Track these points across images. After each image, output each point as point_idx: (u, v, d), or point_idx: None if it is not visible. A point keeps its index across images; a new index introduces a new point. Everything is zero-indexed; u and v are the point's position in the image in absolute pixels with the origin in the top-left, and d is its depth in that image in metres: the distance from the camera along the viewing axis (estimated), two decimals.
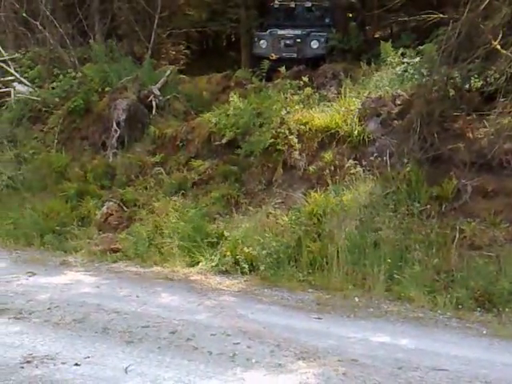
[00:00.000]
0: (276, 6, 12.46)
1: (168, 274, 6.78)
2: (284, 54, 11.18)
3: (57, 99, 10.36)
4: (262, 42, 11.47)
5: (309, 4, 12.19)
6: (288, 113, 8.02)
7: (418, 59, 8.38)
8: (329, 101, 8.44)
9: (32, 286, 6.48)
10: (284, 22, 12.12)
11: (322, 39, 11.17)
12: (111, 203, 8.40)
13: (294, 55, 11.20)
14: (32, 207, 8.59)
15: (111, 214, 8.28)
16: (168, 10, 12.98)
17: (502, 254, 5.99)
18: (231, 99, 8.65)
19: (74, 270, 7.10)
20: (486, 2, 6.77)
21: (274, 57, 10.91)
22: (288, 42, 11.32)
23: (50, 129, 10.14)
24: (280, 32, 11.61)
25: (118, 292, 6.27)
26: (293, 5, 12.20)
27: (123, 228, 8.03)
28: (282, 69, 9.51)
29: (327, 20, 12.08)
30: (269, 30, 11.78)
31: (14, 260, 7.52)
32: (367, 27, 12.97)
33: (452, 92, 7.21)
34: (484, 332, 5.24)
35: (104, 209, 8.35)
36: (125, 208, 8.32)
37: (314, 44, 11.14)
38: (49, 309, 5.74)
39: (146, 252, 7.32)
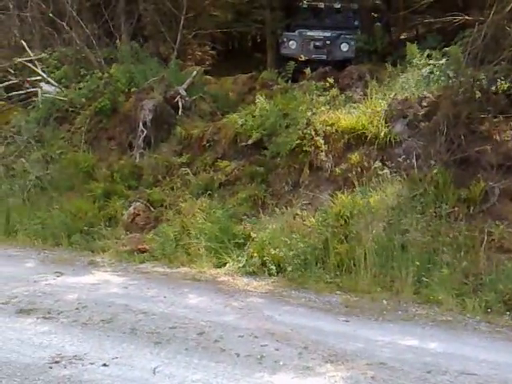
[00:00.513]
0: (304, 7, 12.46)
1: (195, 275, 6.82)
2: (314, 56, 11.18)
3: (83, 99, 10.47)
4: (291, 42, 11.48)
5: (338, 5, 12.17)
6: (314, 114, 8.03)
7: (443, 61, 8.34)
8: (354, 102, 8.44)
9: (60, 285, 6.54)
10: (312, 22, 12.11)
11: (352, 42, 11.17)
12: (138, 203, 8.46)
13: (324, 57, 11.21)
14: (60, 207, 8.67)
15: (138, 215, 8.33)
16: (193, 11, 13.04)
17: None
18: (257, 100, 8.69)
19: (101, 270, 7.15)
20: None
21: (304, 58, 10.94)
22: (318, 43, 11.32)
23: (76, 129, 10.26)
24: (310, 33, 11.60)
25: (145, 292, 6.31)
26: (322, 5, 12.18)
27: (150, 228, 8.09)
28: (308, 70, 9.52)
29: (355, 22, 12.06)
30: (298, 31, 11.77)
31: (42, 260, 7.59)
32: (392, 29, 12.91)
33: (478, 94, 7.15)
34: None
35: (131, 209, 8.41)
36: (152, 208, 8.38)
37: (344, 47, 11.14)
38: (77, 309, 5.80)
39: (173, 253, 7.37)
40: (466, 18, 7.44)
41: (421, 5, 8.01)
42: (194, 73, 10.70)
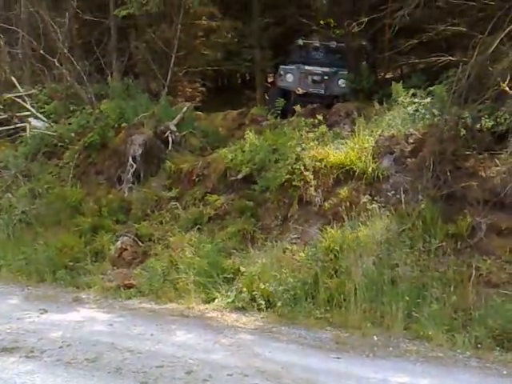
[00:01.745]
0: (300, 44, 12.78)
1: (183, 311, 6.73)
2: (311, 90, 11.46)
3: (73, 134, 10.53)
4: (288, 75, 11.74)
5: (333, 44, 12.50)
6: (303, 149, 8.12)
7: (428, 99, 8.49)
8: (343, 138, 8.56)
9: (44, 323, 6.42)
10: (308, 58, 12.40)
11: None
12: (126, 238, 8.42)
13: (322, 91, 11.50)
14: (45, 242, 8.60)
15: (126, 249, 8.28)
16: (184, 50, 13.32)
17: None
18: (247, 135, 8.79)
19: (86, 307, 7.03)
20: (494, 47, 6.95)
21: (301, 91, 11.16)
22: (315, 78, 11.61)
23: (65, 163, 10.27)
24: (307, 68, 11.88)
25: (131, 330, 6.19)
26: (317, 44, 12.50)
27: (138, 263, 8.03)
28: (297, 107, 9.68)
29: None
30: (295, 65, 12.03)
31: (26, 296, 7.47)
32: (378, 68, 13.22)
33: (463, 132, 7.28)
34: (504, 372, 5.20)
35: (118, 243, 8.36)
36: (140, 243, 8.34)
37: (342, 83, 11.42)
38: (61, 347, 5.68)
39: (160, 288, 7.29)
40: (450, 58, 7.64)
41: (405, 46, 8.21)
42: (185, 109, 10.83)
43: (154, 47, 13.38)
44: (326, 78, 11.61)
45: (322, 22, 14.25)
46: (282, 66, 12.30)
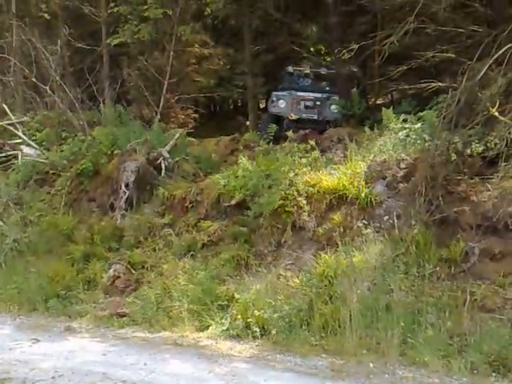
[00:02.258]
0: (290, 71, 12.94)
1: (177, 340, 6.65)
2: (304, 115, 11.60)
3: (65, 162, 10.52)
4: (280, 101, 11.89)
5: (323, 71, 12.68)
6: (296, 175, 8.14)
7: (419, 125, 8.57)
8: (335, 164, 8.59)
9: (36, 353, 6.33)
10: (299, 86, 12.55)
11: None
12: (118, 266, 8.35)
13: (315, 117, 11.68)
14: (37, 271, 8.52)
15: (118, 277, 8.21)
16: (177, 77, 13.47)
17: None
18: (240, 161, 8.81)
19: (78, 337, 6.96)
20: (483, 73, 7.06)
21: (294, 117, 11.29)
22: (308, 103, 11.77)
23: (57, 191, 10.22)
24: (300, 93, 12.02)
25: (124, 359, 6.11)
26: (307, 70, 12.67)
27: (130, 291, 7.95)
28: (290, 133, 9.75)
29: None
30: (287, 91, 12.17)
31: (18, 326, 7.38)
32: (369, 94, 13.39)
33: (454, 156, 7.34)
34: None
35: (111, 271, 8.29)
36: (132, 270, 8.27)
37: (334, 108, 11.56)
38: (53, 378, 5.60)
39: (154, 316, 7.21)
40: (440, 84, 7.75)
41: (395, 72, 8.32)
42: (177, 135, 10.87)
43: (147, 74, 13.53)
44: (318, 103, 11.78)
45: (312, 49, 14.46)
46: (274, 93, 12.44)
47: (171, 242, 8.50)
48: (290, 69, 12.95)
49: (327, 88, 12.54)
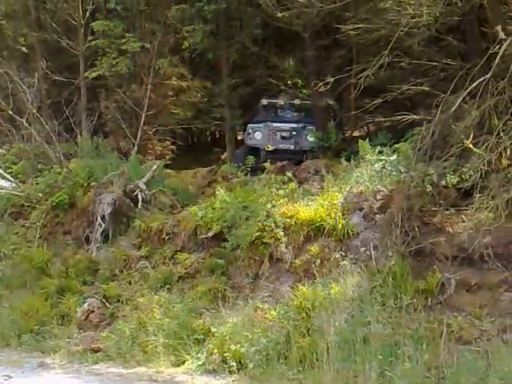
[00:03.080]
0: (265, 104, 13.07)
1: (152, 375, 6.54)
2: (281, 146, 11.69)
3: (40, 194, 10.42)
4: (256, 133, 12.00)
5: (298, 102, 12.84)
6: (273, 206, 8.15)
7: (394, 157, 8.69)
8: (312, 195, 8.61)
9: None
10: (274, 117, 12.68)
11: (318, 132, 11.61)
12: (93, 299, 8.23)
13: (292, 147, 11.78)
14: (10, 305, 8.41)
15: (92, 311, 8.09)
16: (154, 109, 13.53)
17: (490, 349, 5.95)
18: (217, 192, 8.80)
19: (52, 372, 6.83)
20: (456, 105, 7.21)
21: (271, 148, 11.37)
22: (284, 134, 11.88)
23: (32, 224, 10.10)
24: (276, 124, 12.14)
25: None
26: (281, 102, 12.82)
27: (105, 326, 7.84)
28: (267, 164, 9.81)
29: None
30: (263, 123, 12.28)
31: None
32: (345, 127, 13.58)
33: (429, 188, 7.43)
34: None
35: (85, 306, 8.16)
36: (107, 304, 8.16)
37: (311, 137, 11.66)
38: None
39: (129, 351, 7.10)
40: (414, 117, 7.88)
41: (371, 105, 8.45)
42: (154, 167, 10.86)
43: (124, 106, 13.57)
44: (294, 133, 11.92)
45: (289, 81, 14.66)
46: (250, 125, 12.55)
47: (147, 274, 8.42)
48: (264, 101, 13.11)
49: (303, 118, 12.67)
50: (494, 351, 5.89)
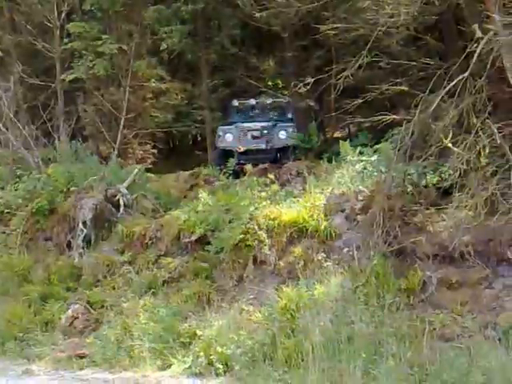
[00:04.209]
0: (236, 105, 12.96)
1: (138, 380, 6.54)
2: (252, 146, 11.51)
3: (20, 200, 10.25)
4: (227, 135, 11.77)
5: (269, 100, 12.74)
6: (256, 209, 8.19)
7: (375, 157, 8.78)
8: (295, 197, 8.69)
9: None
10: (246, 118, 12.55)
11: (290, 129, 11.53)
12: (77, 306, 8.20)
13: (263, 146, 11.54)
14: None
15: (77, 318, 8.07)
16: (134, 112, 13.44)
17: (472, 345, 6.06)
18: (200, 195, 8.82)
19: (37, 379, 6.80)
20: (435, 105, 7.30)
21: (242, 149, 11.27)
22: (255, 133, 11.66)
23: (12, 230, 9.96)
24: (246, 124, 11.96)
25: None
26: (253, 102, 12.71)
27: (90, 332, 7.83)
28: (249, 167, 9.82)
29: (289, 114, 12.56)
30: (234, 125, 12.13)
31: None
32: (326, 128, 13.63)
33: (410, 188, 7.55)
34: None
35: (69, 312, 8.13)
36: (92, 310, 8.13)
37: (282, 135, 11.53)
38: None
39: (114, 357, 7.09)
40: (394, 117, 7.91)
41: (351, 106, 8.50)
42: (135, 171, 10.79)
43: (103, 110, 13.45)
44: (265, 132, 11.67)
45: (269, 83, 14.69)
46: (220, 127, 12.33)
47: (131, 279, 8.39)
48: (235, 102, 12.94)
49: (275, 116, 12.50)
50: (475, 347, 6.00)
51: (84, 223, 9.33)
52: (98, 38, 13.38)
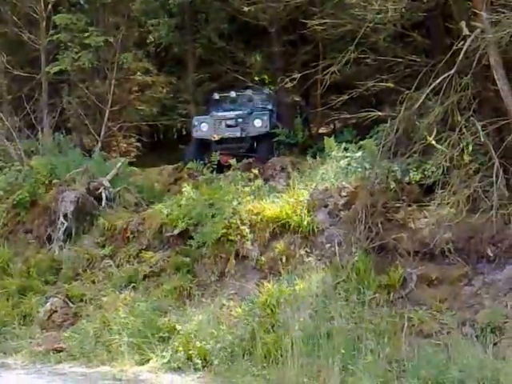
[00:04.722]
0: (217, 98, 12.88)
1: (116, 374, 6.50)
2: (227, 134, 11.37)
3: (1, 192, 10.16)
4: (202, 125, 11.61)
5: (250, 92, 12.65)
6: (240, 204, 8.15)
7: (360, 153, 8.75)
8: (278, 192, 8.65)
9: None
10: (225, 107, 12.42)
11: (265, 117, 11.35)
12: (56, 299, 8.14)
13: (238, 134, 11.37)
14: None
15: (55, 311, 8.02)
16: (119, 105, 13.33)
17: (450, 342, 6.06)
18: (184, 189, 8.74)
19: (14, 373, 6.73)
20: (420, 102, 7.30)
21: (217, 137, 11.17)
22: (230, 122, 11.49)
23: None
24: (221, 113, 11.84)
25: None
26: (233, 95, 12.60)
27: (68, 325, 7.77)
28: (233, 161, 9.75)
29: (269, 106, 12.48)
30: (210, 114, 12.05)
31: None
32: (312, 123, 13.59)
33: (393, 184, 7.52)
34: None
35: (47, 305, 8.08)
36: (70, 304, 8.08)
37: (258, 123, 11.33)
38: None
39: (92, 351, 7.05)
40: (379, 113, 7.90)
41: (336, 102, 8.47)
42: (119, 164, 10.72)
43: (88, 102, 13.34)
44: (240, 120, 11.48)
45: (256, 78, 14.60)
46: (195, 117, 12.19)
47: (111, 273, 8.35)
48: (216, 95, 12.81)
49: (254, 107, 12.33)
50: (453, 344, 6.00)
51: (65, 216, 9.26)
52: (84, 30, 13.26)
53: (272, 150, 11.30)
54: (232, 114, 11.69)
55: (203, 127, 11.60)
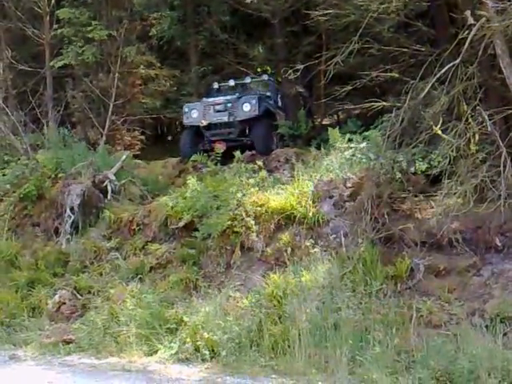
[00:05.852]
0: (216, 87, 12.83)
1: (125, 365, 6.51)
2: (215, 119, 11.27)
3: (8, 186, 10.24)
4: (193, 111, 11.51)
5: (248, 80, 12.57)
6: (244, 195, 8.13)
7: (364, 144, 8.70)
8: (283, 183, 8.64)
9: None
10: (219, 95, 12.33)
11: (254, 101, 11.20)
12: (64, 291, 8.17)
13: (225, 118, 11.22)
14: None
15: (64, 303, 8.03)
16: (122, 98, 13.35)
17: (459, 332, 6.05)
18: (189, 181, 8.74)
19: (24, 365, 6.76)
20: (426, 92, 7.26)
21: (205, 123, 11.12)
22: (218, 107, 11.33)
23: (0, 216, 9.92)
24: (211, 99, 11.76)
25: None
26: (232, 83, 12.54)
27: (77, 317, 7.80)
28: (237, 153, 9.74)
29: (268, 93, 12.38)
30: (200, 101, 12.00)
31: None
32: (315, 114, 13.55)
33: (399, 175, 7.48)
34: None
35: (56, 297, 8.09)
36: (79, 296, 8.10)
37: (246, 107, 11.15)
38: None
39: (101, 342, 7.06)
40: (384, 103, 7.86)
41: (340, 92, 8.44)
42: (123, 157, 10.73)
43: (92, 96, 13.37)
44: (229, 105, 11.33)
45: (259, 69, 14.56)
46: (186, 104, 12.06)
47: (118, 265, 8.37)
48: (216, 85, 12.72)
49: (244, 91, 12.16)
50: (462, 334, 5.99)
51: (72, 209, 9.30)
52: (87, 24, 13.28)
53: (268, 135, 11.19)
54: (221, 98, 11.60)
55: (193, 113, 11.51)
